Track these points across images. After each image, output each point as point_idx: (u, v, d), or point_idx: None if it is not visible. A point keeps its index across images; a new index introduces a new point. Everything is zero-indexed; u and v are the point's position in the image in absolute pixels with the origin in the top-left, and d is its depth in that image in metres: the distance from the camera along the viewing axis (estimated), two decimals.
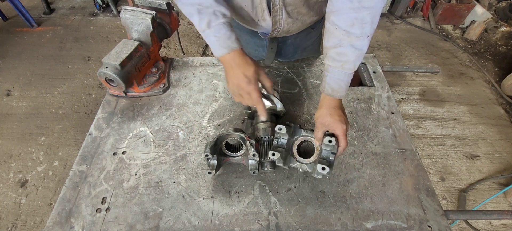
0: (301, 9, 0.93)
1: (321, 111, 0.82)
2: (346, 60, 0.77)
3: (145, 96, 1.13)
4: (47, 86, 2.70)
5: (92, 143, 0.98)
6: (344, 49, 0.76)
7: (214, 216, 0.81)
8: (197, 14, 0.79)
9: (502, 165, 2.23)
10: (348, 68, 0.78)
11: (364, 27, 0.73)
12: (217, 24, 0.79)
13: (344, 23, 0.74)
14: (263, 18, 0.95)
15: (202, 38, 3.42)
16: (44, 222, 1.86)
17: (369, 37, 0.75)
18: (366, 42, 0.76)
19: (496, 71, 3.06)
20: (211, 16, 0.79)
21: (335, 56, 0.78)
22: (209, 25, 0.79)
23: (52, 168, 2.13)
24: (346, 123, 0.80)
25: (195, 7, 0.78)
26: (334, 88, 0.80)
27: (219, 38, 0.80)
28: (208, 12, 0.78)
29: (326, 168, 0.75)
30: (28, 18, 3.30)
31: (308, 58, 1.31)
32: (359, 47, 0.76)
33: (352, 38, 0.74)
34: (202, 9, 0.78)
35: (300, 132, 0.85)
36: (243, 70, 0.82)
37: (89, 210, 0.82)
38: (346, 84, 0.81)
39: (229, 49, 0.81)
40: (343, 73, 0.79)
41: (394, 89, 2.76)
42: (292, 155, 0.85)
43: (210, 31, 0.80)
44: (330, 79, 0.80)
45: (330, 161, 0.79)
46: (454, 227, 1.91)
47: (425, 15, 3.63)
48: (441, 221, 0.82)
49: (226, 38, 0.81)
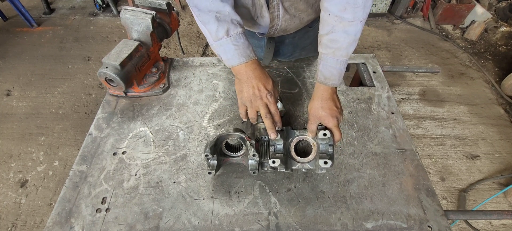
0: (299, 5, 0.93)
1: (314, 103, 0.83)
2: (338, 47, 0.77)
3: (145, 96, 1.13)
4: (47, 86, 2.70)
5: (92, 143, 0.98)
6: (336, 35, 0.76)
7: (214, 216, 0.81)
8: (215, 22, 0.77)
9: (502, 165, 2.23)
10: (340, 55, 0.78)
11: (356, 12, 0.72)
12: (236, 33, 0.79)
13: (336, 8, 0.74)
14: (262, 15, 0.95)
15: (202, 38, 3.42)
16: (44, 222, 1.86)
17: (362, 22, 0.74)
18: (359, 27, 0.75)
19: (496, 71, 3.06)
20: (230, 25, 0.78)
21: (327, 43, 0.78)
22: (228, 33, 0.78)
23: (52, 168, 2.13)
24: (338, 115, 0.81)
25: (213, 15, 0.76)
26: (326, 76, 0.80)
27: (239, 47, 0.79)
28: (227, 20, 0.78)
29: (328, 162, 0.77)
30: (28, 18, 3.30)
31: (308, 58, 1.31)
32: (352, 33, 0.75)
33: (345, 23, 0.74)
34: (220, 17, 0.77)
35: (293, 133, 0.86)
36: (263, 83, 0.82)
37: (89, 210, 0.82)
38: (339, 72, 0.80)
39: (248, 58, 0.81)
40: (335, 60, 0.79)
41: (394, 89, 2.77)
42: (291, 157, 0.86)
43: (229, 39, 0.78)
44: (323, 67, 0.81)
45: (330, 153, 0.80)
46: (454, 227, 1.91)
47: (425, 15, 3.63)
48: (441, 221, 0.82)
49: (245, 48, 0.80)
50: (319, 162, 0.77)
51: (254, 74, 0.82)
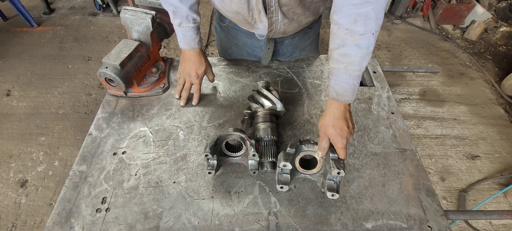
0: (297, 9, 0.93)
1: (325, 120, 0.79)
2: (350, 62, 0.73)
3: (145, 96, 1.13)
4: (47, 86, 2.70)
5: (92, 143, 0.98)
6: (348, 49, 0.72)
7: (214, 216, 0.81)
8: (172, 13, 0.96)
9: (502, 165, 2.23)
10: (353, 69, 0.74)
11: (367, 24, 0.68)
12: (186, 27, 0.98)
13: (346, 20, 0.70)
14: (260, 20, 0.95)
15: (202, 38, 3.43)
16: (44, 222, 1.86)
17: (375, 34, 0.70)
18: (372, 40, 0.70)
19: (496, 71, 3.06)
20: (183, 19, 0.96)
21: (339, 58, 0.74)
22: (180, 25, 0.97)
23: (52, 168, 2.12)
24: (348, 135, 0.77)
25: (172, 8, 0.94)
26: (339, 92, 0.77)
27: (185, 37, 1.00)
28: (182, 15, 0.95)
29: (336, 194, 0.78)
30: (28, 18, 3.30)
31: (308, 58, 1.31)
32: (364, 46, 0.71)
33: (356, 36, 0.70)
34: (177, 11, 0.94)
35: (301, 148, 0.82)
36: (195, 68, 1.05)
37: (89, 210, 0.82)
38: (352, 88, 0.76)
39: (190, 47, 1.02)
40: (347, 75, 0.74)
41: (394, 89, 2.76)
42: (295, 169, 0.85)
43: (180, 29, 0.99)
44: (334, 83, 0.77)
45: (337, 183, 0.80)
46: (454, 227, 1.91)
47: (425, 15, 3.63)
48: (441, 221, 0.82)
49: (191, 40, 1.01)
50: (327, 193, 0.78)
51: (191, 59, 1.05)
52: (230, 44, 1.26)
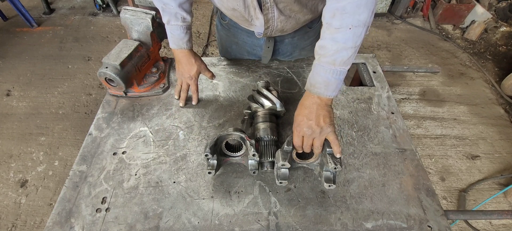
0: (293, 6, 0.92)
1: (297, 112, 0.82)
2: (323, 54, 0.74)
3: (145, 96, 1.13)
4: (47, 86, 2.70)
5: (92, 143, 0.98)
6: (324, 42, 0.74)
7: (214, 216, 0.81)
8: (161, 10, 0.96)
9: (502, 165, 2.23)
10: (326, 62, 0.74)
11: (344, 18, 0.68)
12: (175, 25, 0.96)
13: (327, 14, 0.72)
14: (256, 17, 0.95)
15: (201, 38, 3.43)
16: (44, 222, 1.86)
17: (352, 29, 0.69)
18: (349, 35, 0.69)
19: (496, 71, 3.06)
20: (171, 17, 0.95)
21: (317, 50, 0.77)
22: (169, 22, 0.96)
23: (52, 168, 2.13)
24: (316, 134, 0.78)
25: (161, 4, 0.94)
26: (312, 83, 0.78)
27: (173, 36, 0.99)
28: (171, 13, 0.94)
29: (332, 185, 0.81)
30: (28, 18, 3.30)
31: (308, 58, 1.31)
32: (340, 41, 0.71)
33: (331, 30, 0.71)
34: (165, 8, 0.94)
35: None
36: (188, 70, 1.05)
37: (89, 210, 0.82)
38: (325, 81, 0.75)
39: (179, 47, 1.01)
40: (320, 67, 0.75)
41: (394, 89, 2.76)
42: (293, 161, 0.86)
43: (168, 27, 0.98)
44: (311, 73, 0.79)
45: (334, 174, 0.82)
46: (454, 227, 1.91)
47: (425, 15, 3.63)
48: (441, 221, 0.82)
49: (179, 39, 0.99)
50: (324, 184, 0.81)
51: (181, 60, 1.04)
52: (230, 43, 1.26)
